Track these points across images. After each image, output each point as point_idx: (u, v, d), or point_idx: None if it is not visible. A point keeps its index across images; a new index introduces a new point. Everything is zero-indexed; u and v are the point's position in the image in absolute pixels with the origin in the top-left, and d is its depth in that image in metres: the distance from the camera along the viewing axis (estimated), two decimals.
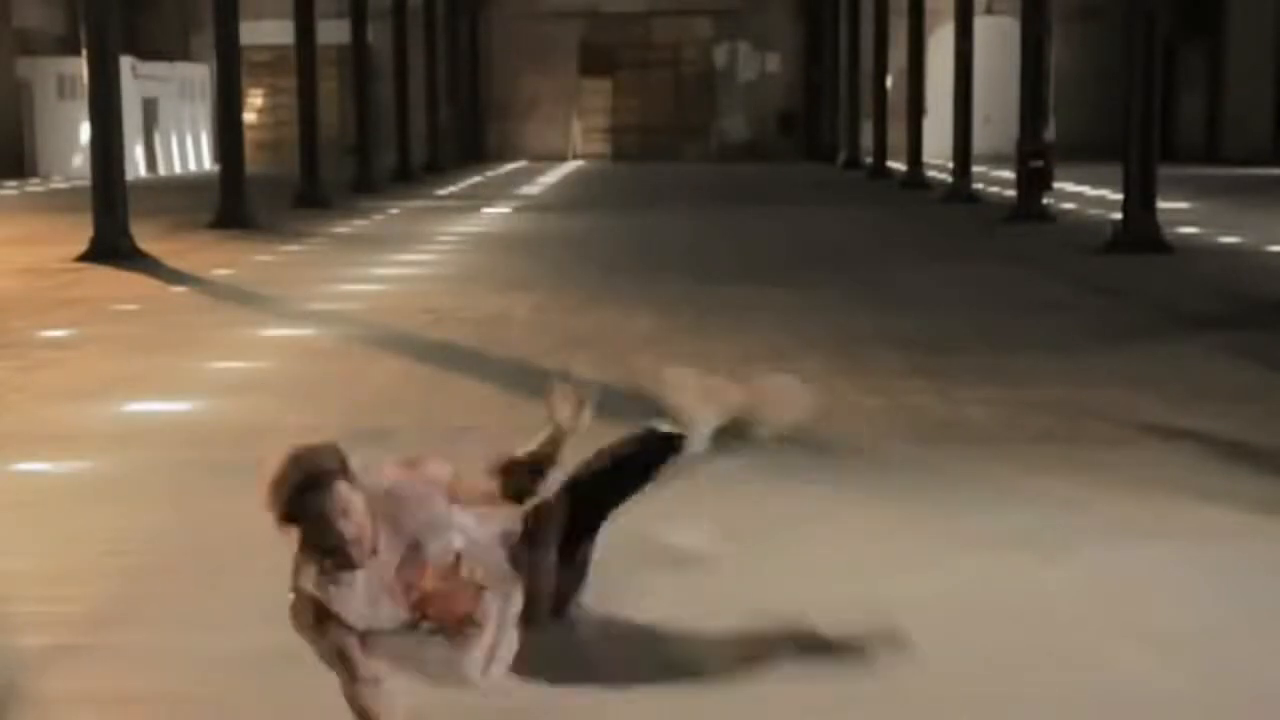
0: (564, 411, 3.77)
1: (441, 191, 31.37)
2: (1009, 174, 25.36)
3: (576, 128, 49.09)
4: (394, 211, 25.23)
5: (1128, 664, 4.49)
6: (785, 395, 4.06)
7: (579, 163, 46.31)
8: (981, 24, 30.05)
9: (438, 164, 38.91)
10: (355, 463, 3.48)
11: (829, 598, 5.10)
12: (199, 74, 44.05)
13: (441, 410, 8.35)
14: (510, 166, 43.46)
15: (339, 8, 32.23)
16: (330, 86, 36.77)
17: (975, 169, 27.36)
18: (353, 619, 3.49)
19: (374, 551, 3.51)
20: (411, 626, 3.54)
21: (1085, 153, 37.37)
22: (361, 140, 31.26)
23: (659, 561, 5.31)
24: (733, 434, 3.92)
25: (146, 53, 42.37)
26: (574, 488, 3.78)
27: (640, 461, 3.91)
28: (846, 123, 41.28)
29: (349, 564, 3.47)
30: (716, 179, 35.85)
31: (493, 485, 3.78)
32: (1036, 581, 5.27)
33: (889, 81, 35.94)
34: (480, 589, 3.58)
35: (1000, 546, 5.65)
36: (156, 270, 15.94)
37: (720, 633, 4.37)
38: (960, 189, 26.51)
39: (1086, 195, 26.99)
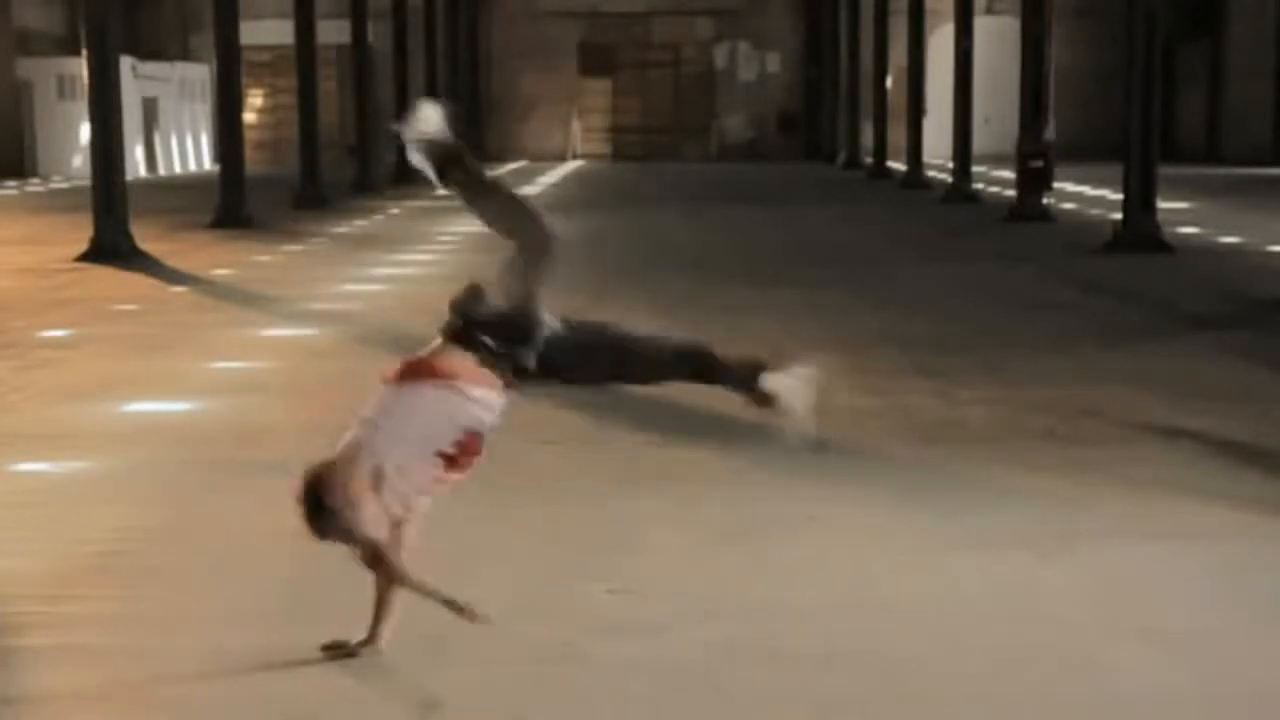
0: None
1: (442, 192, 31.29)
2: (1009, 174, 25.37)
3: (576, 127, 49.09)
4: (394, 211, 25.22)
5: (1127, 664, 4.49)
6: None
7: (579, 163, 46.30)
8: (981, 24, 30.04)
9: None
10: None
11: (827, 598, 5.10)
12: (199, 74, 44.05)
13: None
14: (510, 166, 43.44)
15: (339, 8, 32.22)
16: (330, 86, 36.75)
17: (975, 169, 27.36)
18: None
19: None
20: None
21: (1085, 153, 37.40)
22: (361, 140, 31.25)
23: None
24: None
25: (146, 53, 42.39)
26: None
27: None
28: (846, 123, 41.28)
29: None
30: (717, 179, 35.84)
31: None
32: (1035, 581, 5.27)
33: (889, 81, 35.94)
34: None
35: (1000, 546, 5.65)
36: (156, 270, 15.93)
37: None
38: (960, 189, 26.50)
39: (1086, 195, 27.00)
